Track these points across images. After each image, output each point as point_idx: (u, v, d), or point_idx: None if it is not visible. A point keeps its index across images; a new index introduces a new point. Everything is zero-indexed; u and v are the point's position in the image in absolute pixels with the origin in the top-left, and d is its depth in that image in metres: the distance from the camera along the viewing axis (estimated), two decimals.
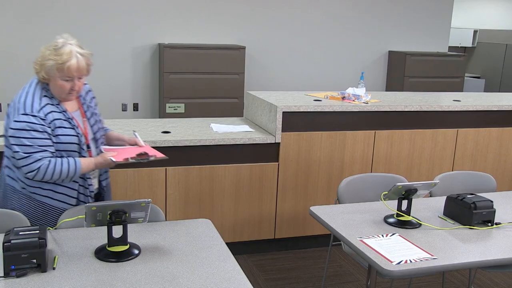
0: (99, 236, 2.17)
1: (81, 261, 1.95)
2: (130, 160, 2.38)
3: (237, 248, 3.69)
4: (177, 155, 3.41)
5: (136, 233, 2.22)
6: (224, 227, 3.65)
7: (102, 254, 2.00)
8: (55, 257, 1.97)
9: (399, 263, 2.06)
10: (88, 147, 2.41)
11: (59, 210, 2.37)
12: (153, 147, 3.32)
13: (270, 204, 3.74)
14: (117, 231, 2.03)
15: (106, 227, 2.01)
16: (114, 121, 3.78)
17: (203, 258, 2.02)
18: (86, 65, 2.30)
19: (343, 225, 2.43)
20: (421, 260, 2.10)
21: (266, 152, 3.65)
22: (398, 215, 2.48)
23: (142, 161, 2.42)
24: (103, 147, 2.50)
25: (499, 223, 2.51)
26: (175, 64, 6.00)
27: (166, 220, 2.44)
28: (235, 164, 3.57)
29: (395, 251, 2.16)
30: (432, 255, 2.15)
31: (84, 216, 1.97)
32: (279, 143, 3.66)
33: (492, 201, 2.49)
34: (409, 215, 2.49)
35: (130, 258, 1.99)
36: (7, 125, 2.28)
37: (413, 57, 7.06)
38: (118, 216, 1.97)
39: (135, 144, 2.57)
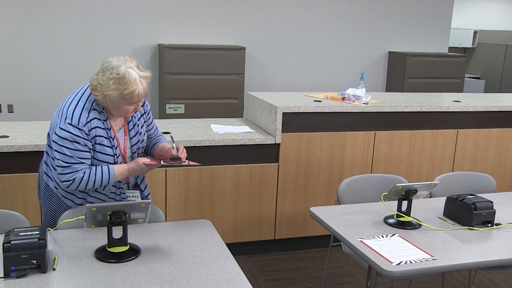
0: (99, 236, 2.17)
1: (81, 262, 1.95)
2: (163, 163, 2.35)
3: (237, 249, 3.69)
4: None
5: (136, 234, 2.22)
6: (224, 227, 3.65)
7: (102, 255, 2.00)
8: (55, 257, 1.97)
9: (399, 263, 2.06)
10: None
11: None
12: None
13: (270, 204, 3.74)
14: (117, 231, 2.03)
15: (106, 227, 2.01)
16: None
17: (203, 258, 2.02)
18: (148, 88, 2.29)
19: (343, 225, 2.43)
20: (421, 261, 2.10)
21: (266, 153, 3.65)
22: (398, 215, 2.48)
23: (174, 165, 2.38)
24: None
25: (499, 224, 2.51)
26: (175, 64, 6.00)
27: (166, 220, 2.45)
28: (235, 164, 3.57)
29: (395, 251, 2.16)
30: (432, 256, 2.15)
31: (84, 216, 1.97)
32: (279, 144, 3.66)
33: (492, 202, 2.49)
34: (409, 216, 2.49)
35: (130, 259, 1.99)
36: (53, 126, 2.28)
37: (413, 57, 7.06)
38: (118, 217, 1.97)
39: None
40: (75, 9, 5.96)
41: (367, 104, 3.91)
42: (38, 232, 1.87)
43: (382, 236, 2.32)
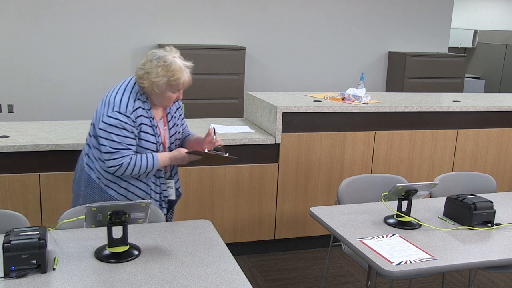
0: (99, 236, 2.17)
1: (81, 262, 1.95)
2: (206, 151, 2.49)
3: (237, 249, 3.69)
4: None
5: (136, 234, 2.22)
6: (224, 227, 3.65)
7: (102, 255, 2.00)
8: (55, 257, 1.97)
9: (399, 263, 2.06)
10: None
11: None
12: None
13: (270, 204, 3.74)
14: (117, 231, 2.03)
15: (106, 227, 2.01)
16: None
17: (203, 258, 2.02)
18: (191, 77, 2.45)
19: (343, 225, 2.43)
20: (421, 261, 2.10)
21: (266, 153, 3.65)
22: (398, 215, 2.48)
23: (217, 154, 2.50)
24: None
25: (499, 224, 2.51)
26: None
27: (166, 220, 2.44)
28: (235, 164, 3.57)
29: (395, 251, 2.16)
30: (432, 256, 2.15)
31: (84, 216, 1.97)
32: (279, 144, 3.66)
33: (492, 202, 2.49)
34: (409, 216, 2.49)
35: (130, 259, 1.99)
36: (99, 116, 2.39)
37: (413, 57, 7.06)
38: (118, 217, 1.97)
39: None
40: (75, 9, 5.96)
41: (367, 104, 3.91)
42: (38, 232, 1.87)
43: (382, 236, 2.32)
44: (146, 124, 2.41)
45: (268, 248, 3.89)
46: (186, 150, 2.49)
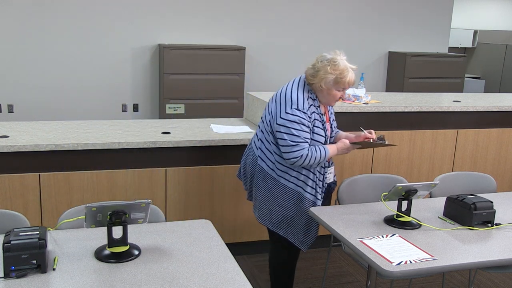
0: (99, 236, 2.17)
1: (81, 262, 1.95)
2: (371, 141, 2.78)
3: (237, 249, 3.68)
4: (177, 155, 3.41)
5: (136, 234, 2.22)
6: (224, 227, 3.65)
7: (102, 255, 2.00)
8: (55, 258, 1.97)
9: (399, 263, 2.06)
10: None
11: (297, 194, 2.74)
12: (152, 148, 3.34)
13: None
14: (117, 232, 2.03)
15: (106, 227, 2.01)
16: (114, 122, 3.78)
17: (203, 259, 2.02)
18: (355, 77, 2.67)
19: (343, 225, 2.43)
20: (421, 261, 2.10)
21: None
22: (398, 215, 2.48)
23: (380, 142, 2.80)
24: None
25: (499, 224, 2.51)
26: (175, 64, 6.00)
27: (166, 220, 2.45)
28: (235, 165, 3.57)
29: (395, 251, 2.16)
30: (432, 256, 2.15)
31: (84, 216, 1.97)
32: None
33: (492, 202, 2.49)
34: (409, 216, 2.49)
35: (130, 259, 1.99)
36: (277, 112, 2.64)
37: (413, 57, 7.06)
38: (118, 217, 1.97)
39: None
40: (75, 9, 5.97)
41: (367, 104, 3.91)
42: (38, 232, 1.87)
43: (382, 236, 2.32)
44: (317, 120, 2.69)
45: (268, 248, 3.89)
46: (348, 141, 2.76)
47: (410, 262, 2.08)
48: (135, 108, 6.43)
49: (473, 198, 2.51)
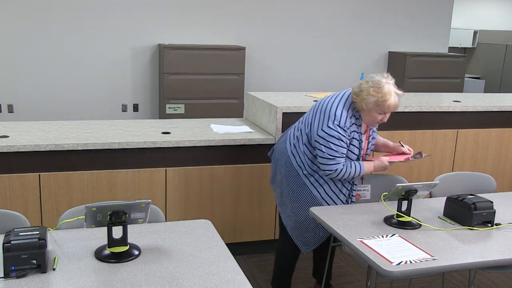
0: (99, 236, 2.17)
1: (81, 262, 1.95)
2: (410, 159, 2.84)
3: (237, 249, 3.69)
4: (177, 155, 3.41)
5: (136, 234, 2.23)
6: (224, 227, 3.65)
7: (102, 255, 2.00)
8: (55, 257, 1.97)
9: (399, 263, 2.06)
10: None
11: (324, 204, 2.81)
12: (152, 148, 3.34)
13: (270, 204, 3.73)
14: (117, 231, 2.03)
15: (106, 227, 2.01)
16: (114, 122, 3.78)
17: (203, 259, 2.02)
18: (399, 104, 2.66)
19: (343, 225, 2.43)
20: (421, 261, 2.10)
21: (266, 153, 3.65)
22: (398, 215, 2.48)
23: (419, 158, 2.85)
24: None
25: (499, 224, 2.51)
26: (175, 64, 6.00)
27: (166, 220, 2.45)
28: (235, 164, 3.57)
29: (395, 251, 2.16)
30: (432, 256, 2.15)
31: (84, 216, 1.97)
32: None
33: (492, 202, 2.49)
34: (409, 216, 2.49)
35: (130, 259, 1.99)
36: (317, 124, 2.70)
37: (413, 57, 7.06)
38: (118, 217, 1.97)
39: (401, 153, 2.93)
40: (75, 9, 5.97)
41: None
42: (38, 232, 1.87)
43: (382, 236, 2.32)
44: (355, 138, 2.73)
45: (268, 248, 3.89)
46: (388, 159, 2.82)
47: (410, 262, 2.08)
48: (135, 108, 6.43)
49: (473, 198, 2.51)
